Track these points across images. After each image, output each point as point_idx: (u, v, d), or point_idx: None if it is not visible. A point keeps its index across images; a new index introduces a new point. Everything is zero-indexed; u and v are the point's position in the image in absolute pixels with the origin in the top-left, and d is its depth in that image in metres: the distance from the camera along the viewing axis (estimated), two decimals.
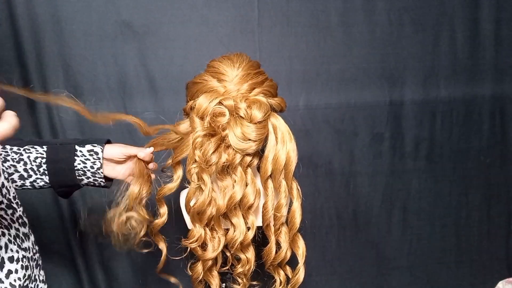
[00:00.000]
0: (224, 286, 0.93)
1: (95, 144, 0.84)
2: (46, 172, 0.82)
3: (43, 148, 0.82)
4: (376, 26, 1.40)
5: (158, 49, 1.31)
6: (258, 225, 0.83)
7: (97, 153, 0.83)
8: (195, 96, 0.78)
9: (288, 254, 0.83)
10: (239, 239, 0.79)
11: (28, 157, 0.81)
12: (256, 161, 0.80)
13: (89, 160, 0.83)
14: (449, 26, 1.43)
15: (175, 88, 1.32)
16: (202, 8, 1.30)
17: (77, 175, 0.84)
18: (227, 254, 0.85)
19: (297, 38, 1.37)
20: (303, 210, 0.81)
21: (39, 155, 0.82)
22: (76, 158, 0.83)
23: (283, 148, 0.77)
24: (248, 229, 0.80)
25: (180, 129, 0.81)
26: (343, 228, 1.52)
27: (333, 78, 1.40)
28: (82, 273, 1.41)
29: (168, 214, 0.85)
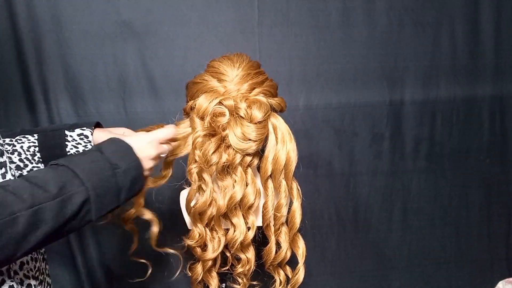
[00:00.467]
0: (224, 286, 0.93)
1: (84, 128, 0.84)
2: (41, 160, 0.82)
3: (34, 136, 0.82)
4: (376, 26, 1.40)
5: (158, 49, 1.31)
6: (258, 225, 0.83)
7: (87, 136, 0.83)
8: (195, 96, 0.78)
9: (288, 254, 0.83)
10: (239, 239, 0.79)
11: (21, 147, 0.81)
12: (256, 161, 0.80)
13: (80, 144, 0.83)
14: (449, 26, 1.43)
15: (175, 88, 1.31)
16: (202, 8, 1.30)
17: None
18: (227, 254, 0.85)
19: (297, 38, 1.36)
20: (303, 210, 0.81)
21: (32, 144, 0.81)
22: (67, 143, 0.82)
23: (283, 148, 0.77)
24: (248, 229, 0.80)
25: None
26: (343, 228, 1.52)
27: (333, 78, 1.40)
28: (82, 273, 1.41)
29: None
